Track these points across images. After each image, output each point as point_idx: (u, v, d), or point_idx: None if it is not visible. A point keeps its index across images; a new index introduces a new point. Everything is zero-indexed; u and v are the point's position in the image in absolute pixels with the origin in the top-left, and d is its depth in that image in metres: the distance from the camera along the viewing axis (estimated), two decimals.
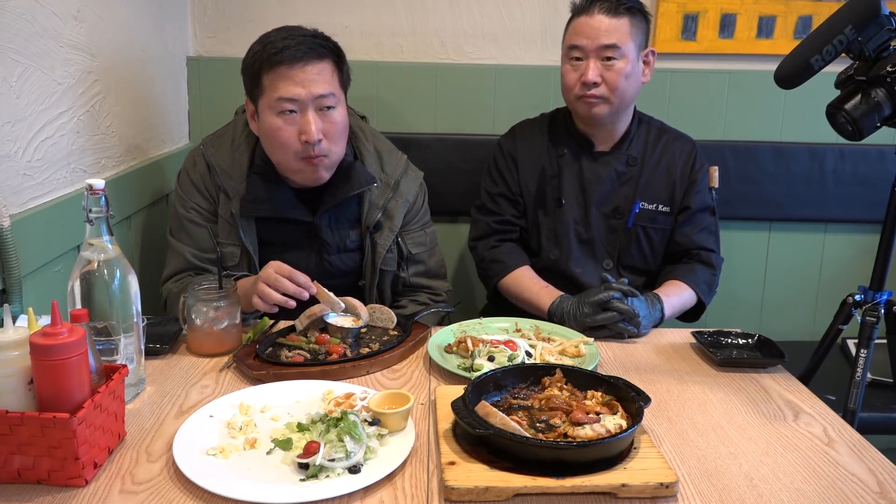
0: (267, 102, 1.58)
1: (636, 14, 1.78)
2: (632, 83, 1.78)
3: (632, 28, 1.76)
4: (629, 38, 1.75)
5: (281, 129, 1.58)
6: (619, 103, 1.80)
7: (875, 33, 1.25)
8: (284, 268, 1.47)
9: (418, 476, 1.05)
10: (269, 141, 1.62)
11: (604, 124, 1.85)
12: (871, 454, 1.14)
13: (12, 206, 1.36)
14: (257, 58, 1.58)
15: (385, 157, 1.80)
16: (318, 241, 1.73)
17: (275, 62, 1.55)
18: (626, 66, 1.76)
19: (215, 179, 1.69)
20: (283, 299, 1.45)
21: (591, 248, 1.90)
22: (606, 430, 1.05)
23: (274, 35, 1.60)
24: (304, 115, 1.57)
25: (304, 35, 1.59)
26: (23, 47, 1.39)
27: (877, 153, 2.38)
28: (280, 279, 1.45)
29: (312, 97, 1.57)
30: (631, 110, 1.88)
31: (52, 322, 0.99)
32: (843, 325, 1.54)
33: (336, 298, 1.49)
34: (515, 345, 1.42)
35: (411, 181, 1.81)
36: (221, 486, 0.98)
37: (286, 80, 1.55)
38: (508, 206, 1.93)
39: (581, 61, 1.78)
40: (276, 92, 1.56)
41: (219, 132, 1.77)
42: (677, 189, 1.88)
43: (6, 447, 0.98)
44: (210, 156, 1.71)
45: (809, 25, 2.33)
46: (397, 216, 1.77)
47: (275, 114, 1.58)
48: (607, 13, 1.75)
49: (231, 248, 1.68)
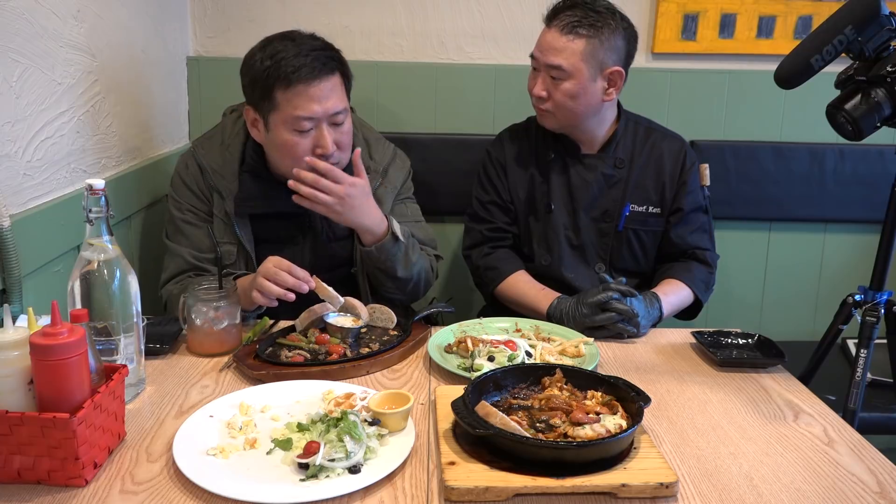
0: (281, 118, 1.58)
1: (601, 32, 1.69)
2: (580, 104, 1.73)
3: (588, 49, 1.69)
4: (580, 60, 1.69)
5: (297, 144, 1.59)
6: (566, 120, 1.78)
7: (875, 33, 1.25)
8: (283, 262, 1.48)
9: (418, 476, 1.05)
10: (280, 153, 1.63)
11: (578, 129, 1.82)
12: (871, 454, 1.14)
13: (12, 206, 1.36)
14: (270, 73, 1.56)
15: (373, 145, 1.83)
16: (311, 233, 1.75)
17: (292, 81, 1.54)
18: (573, 87, 1.71)
19: (208, 180, 1.71)
20: (283, 292, 1.46)
21: (582, 253, 1.88)
22: (606, 430, 1.05)
23: (283, 49, 1.57)
24: (319, 130, 1.59)
25: (313, 49, 1.58)
26: (23, 47, 1.39)
27: (877, 153, 2.37)
28: (279, 272, 1.46)
29: (328, 114, 1.58)
30: (608, 114, 1.83)
31: (52, 322, 0.99)
32: (843, 325, 1.54)
33: (335, 293, 1.50)
34: (515, 345, 1.42)
35: (398, 168, 1.84)
36: (221, 486, 0.98)
37: (304, 99, 1.56)
38: (500, 214, 1.92)
39: (537, 70, 1.77)
40: (295, 111, 1.56)
41: (208, 134, 1.79)
42: (667, 190, 1.86)
43: (6, 447, 0.98)
44: (201, 157, 1.72)
45: (809, 25, 2.33)
46: (386, 202, 1.79)
47: (290, 129, 1.59)
48: (562, 31, 1.70)
49: (228, 247, 1.69)
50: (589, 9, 1.71)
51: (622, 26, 1.73)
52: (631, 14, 2.38)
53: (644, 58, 2.38)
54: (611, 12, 1.73)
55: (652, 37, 2.35)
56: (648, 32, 2.36)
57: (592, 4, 1.72)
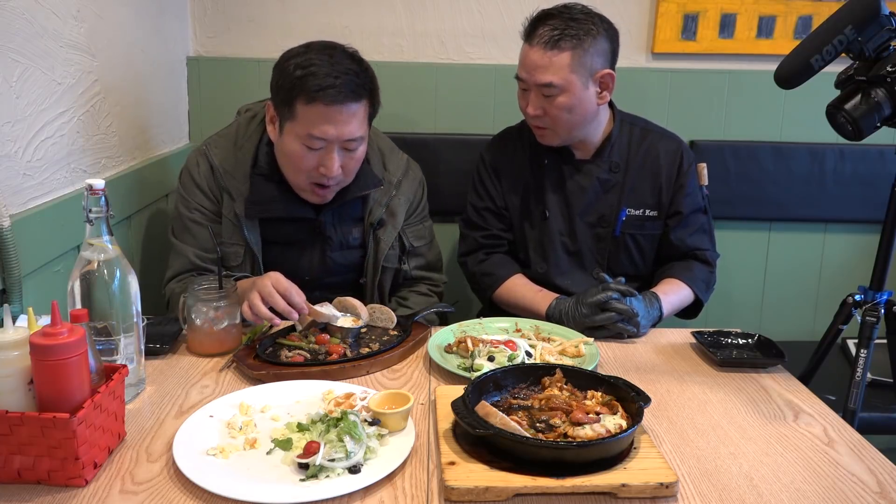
0: (295, 130, 1.56)
1: (584, 40, 1.66)
2: (577, 114, 1.71)
3: (575, 59, 1.66)
4: (569, 72, 1.66)
5: (304, 157, 1.58)
6: (567, 133, 1.76)
7: (875, 33, 1.25)
8: (282, 283, 1.45)
9: (418, 476, 1.05)
10: (285, 160, 1.62)
11: (576, 138, 1.80)
12: (871, 454, 1.14)
13: (12, 206, 1.36)
14: (296, 84, 1.52)
15: (387, 156, 1.81)
16: (321, 239, 1.73)
17: (314, 98, 1.51)
18: (568, 100, 1.68)
19: (218, 180, 1.69)
20: (270, 316, 1.43)
21: (579, 260, 1.87)
22: (606, 430, 1.05)
23: (317, 62, 1.53)
24: (328, 151, 1.57)
25: (347, 71, 1.54)
26: (23, 47, 1.39)
27: (877, 153, 2.38)
28: (273, 294, 1.43)
29: (341, 139, 1.56)
30: (602, 119, 1.81)
31: (52, 322, 0.99)
32: (843, 325, 1.54)
33: (330, 313, 1.48)
34: (515, 345, 1.42)
35: (412, 180, 1.83)
36: (221, 486, 0.98)
37: (321, 119, 1.53)
38: (495, 220, 1.91)
39: (527, 90, 1.74)
40: (308, 128, 1.54)
41: (221, 133, 1.77)
42: (664, 192, 1.84)
43: (6, 447, 0.98)
44: (213, 156, 1.70)
45: (809, 25, 2.33)
46: (400, 213, 1.78)
47: (300, 142, 1.57)
48: (545, 46, 1.66)
49: (235, 248, 1.68)
50: (567, 18, 1.67)
51: (602, 27, 1.70)
52: (631, 14, 2.38)
53: (644, 58, 2.38)
54: (588, 16, 1.69)
55: (652, 37, 2.35)
56: (648, 32, 2.36)
57: (569, 12, 1.68)
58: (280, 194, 1.67)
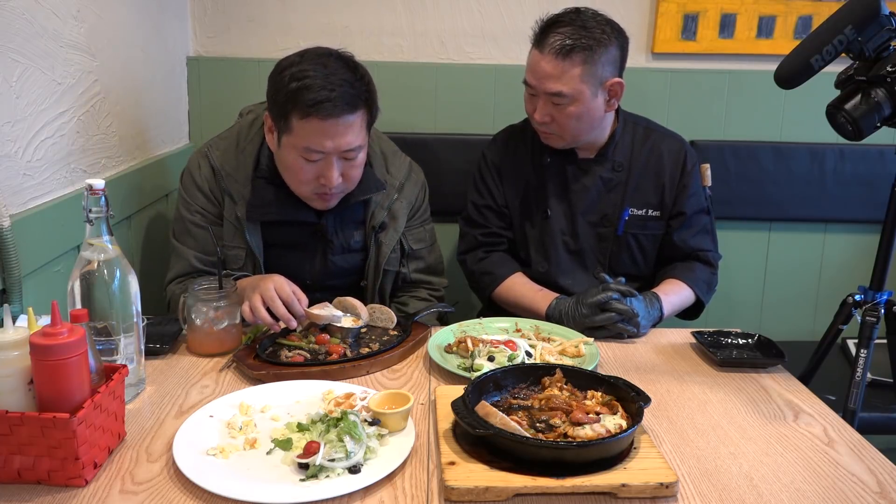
0: (292, 143, 1.54)
1: (596, 50, 1.64)
2: (585, 122, 1.71)
3: (586, 70, 1.64)
4: (579, 82, 1.65)
5: (302, 169, 1.56)
6: (573, 138, 1.76)
7: (875, 33, 1.25)
8: (285, 290, 1.45)
9: (418, 476, 1.05)
10: (286, 171, 1.61)
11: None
12: (871, 454, 1.14)
13: (12, 206, 1.36)
14: (290, 97, 1.50)
15: (390, 159, 1.80)
16: (322, 242, 1.73)
17: (309, 113, 1.48)
18: (577, 108, 1.68)
19: (220, 183, 1.69)
20: (270, 322, 1.44)
21: (580, 259, 1.86)
22: (606, 430, 1.05)
23: (312, 73, 1.50)
24: (326, 163, 1.55)
25: (342, 83, 1.50)
26: (23, 47, 1.39)
27: (877, 153, 2.38)
28: (275, 300, 1.43)
29: (340, 151, 1.54)
30: (606, 119, 1.79)
31: (52, 322, 0.99)
32: (843, 325, 1.54)
33: (329, 313, 1.48)
34: (515, 345, 1.42)
35: (414, 183, 1.82)
36: (221, 486, 0.98)
37: (318, 133, 1.51)
38: (495, 218, 1.90)
39: (535, 96, 1.73)
40: (305, 141, 1.52)
41: (223, 135, 1.76)
42: (667, 192, 1.84)
43: (6, 447, 0.98)
44: (215, 159, 1.70)
45: (809, 25, 2.33)
46: (401, 217, 1.77)
47: (298, 155, 1.55)
48: (556, 55, 1.64)
49: (236, 251, 1.68)
50: (579, 26, 1.65)
51: (614, 35, 1.68)
52: (631, 14, 2.38)
53: (644, 58, 2.38)
54: (599, 24, 1.67)
55: (652, 37, 2.35)
56: (648, 32, 2.36)
57: (581, 20, 1.66)
58: (282, 198, 1.66)
